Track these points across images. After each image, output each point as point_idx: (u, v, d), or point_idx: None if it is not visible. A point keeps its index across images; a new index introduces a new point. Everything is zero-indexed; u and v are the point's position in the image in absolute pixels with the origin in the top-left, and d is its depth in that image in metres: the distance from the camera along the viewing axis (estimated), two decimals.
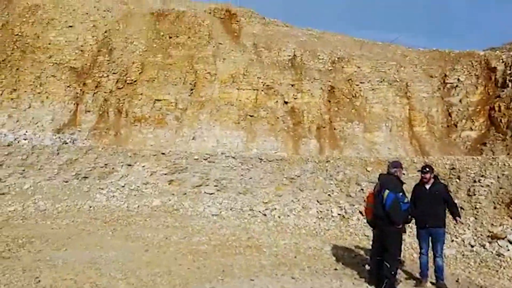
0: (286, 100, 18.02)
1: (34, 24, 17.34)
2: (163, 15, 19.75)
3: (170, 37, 18.83)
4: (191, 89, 17.71)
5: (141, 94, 17.21)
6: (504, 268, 6.01)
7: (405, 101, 18.37)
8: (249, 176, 10.95)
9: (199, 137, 16.00)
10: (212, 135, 16.18)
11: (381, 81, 18.48)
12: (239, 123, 16.98)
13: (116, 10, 19.48)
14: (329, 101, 18.19)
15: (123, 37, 18.24)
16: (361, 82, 18.55)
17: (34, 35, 17.18)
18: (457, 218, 5.69)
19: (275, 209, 9.87)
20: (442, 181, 7.62)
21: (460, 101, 18.25)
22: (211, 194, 10.71)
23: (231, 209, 10.15)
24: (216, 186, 10.92)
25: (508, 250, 6.40)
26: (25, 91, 16.05)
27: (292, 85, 18.39)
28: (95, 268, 5.69)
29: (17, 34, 17.03)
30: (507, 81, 17.36)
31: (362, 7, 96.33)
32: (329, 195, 9.72)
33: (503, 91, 17.19)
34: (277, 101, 17.93)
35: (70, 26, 17.73)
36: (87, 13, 18.45)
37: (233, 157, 11.51)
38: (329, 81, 18.54)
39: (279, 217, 9.62)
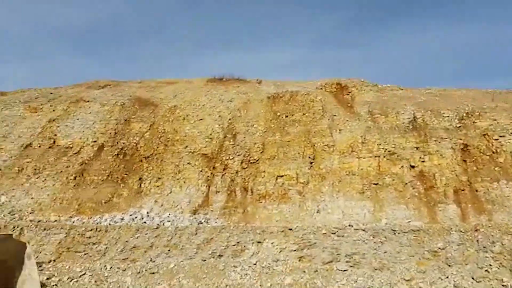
0: (413, 164, 16.85)
1: (173, 121, 20.44)
2: (278, 97, 21.39)
3: (286, 116, 20.08)
4: (311, 163, 18.02)
5: (264, 171, 18.16)
6: None
7: None
8: (384, 250, 10.12)
9: (323, 210, 15.74)
10: (336, 207, 15.77)
11: None
12: (363, 193, 16.30)
13: (237, 99, 21.87)
14: (464, 161, 16.37)
15: (245, 121, 20.10)
16: (500, 136, 16.44)
17: (173, 130, 20.14)
18: None
19: (420, 287, 8.75)
20: None
21: None
22: (344, 271, 10.13)
23: (368, 287, 9.36)
24: (348, 262, 10.34)
25: None
26: (167, 179, 18.42)
27: (417, 148, 17.27)
28: None
29: (161, 131, 20.23)
30: None
31: (484, 55, 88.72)
32: (486, 270, 8.26)
33: None
34: (402, 166, 16.89)
35: (201, 119, 20.37)
36: (213, 106, 21.12)
37: (363, 230, 10.90)
38: (460, 139, 16.91)
39: None
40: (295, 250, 11.13)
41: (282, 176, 17.80)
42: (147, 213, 16.01)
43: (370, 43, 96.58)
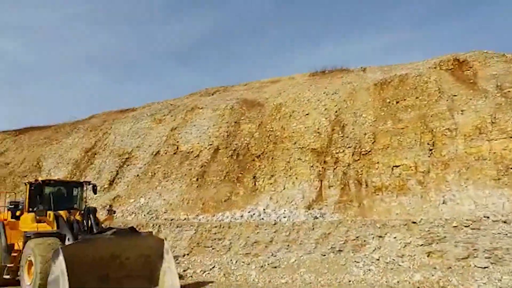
0: None
1: (280, 119, 20.87)
2: (386, 83, 20.13)
3: (397, 102, 18.78)
4: (430, 150, 16.52)
5: (377, 162, 17.29)
6: None
7: None
8: None
9: (451, 201, 14.26)
10: (466, 197, 14.14)
11: None
12: (499, 179, 14.28)
13: (342, 90, 21.24)
14: None
15: (352, 112, 19.43)
16: None
17: (281, 128, 20.55)
18: None
19: None
20: None
21: None
22: (485, 268, 9.02)
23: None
24: (488, 258, 9.18)
25: None
26: (280, 176, 18.89)
27: None
28: None
29: (269, 130, 20.84)
30: None
31: None
32: None
33: None
34: None
35: (307, 114, 20.36)
36: (318, 100, 20.91)
37: (504, 222, 9.55)
38: None
39: None
40: (421, 245, 10.33)
41: (398, 166, 16.69)
42: (264, 209, 16.65)
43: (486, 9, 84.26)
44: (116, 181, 21.58)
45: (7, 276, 9.67)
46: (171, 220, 16.33)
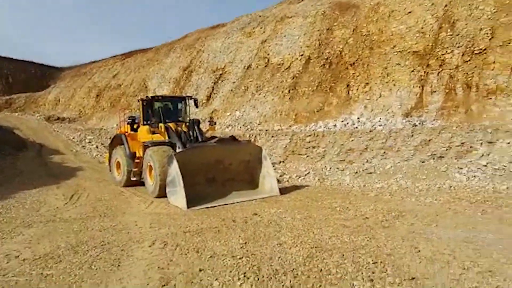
0: None
1: (377, 21, 19.02)
2: None
3: None
4: None
5: (493, 62, 15.06)
6: None
7: None
8: None
9: None
10: None
11: None
12: None
13: None
14: None
15: (466, 4, 16.67)
16: None
17: (378, 31, 18.83)
18: None
19: None
20: None
21: None
22: None
23: None
24: None
25: None
26: (375, 83, 17.85)
27: None
28: (473, 248, 5.45)
29: (364, 35, 19.29)
30: None
31: None
32: None
33: None
34: None
35: (409, 12, 18.12)
36: None
37: None
38: None
39: None
40: None
41: None
42: (358, 118, 16.26)
43: None
44: (213, 96, 22.87)
45: (134, 178, 11.47)
46: (266, 130, 17.07)
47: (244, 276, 4.68)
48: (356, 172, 11.75)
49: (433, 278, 4.51)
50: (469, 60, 15.85)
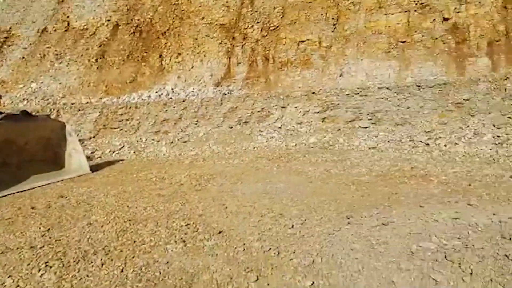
0: (446, 16, 15.54)
1: None
2: None
3: None
4: (334, 25, 17.01)
5: (285, 38, 17.47)
6: None
7: None
8: (407, 106, 10.20)
9: (347, 73, 15.47)
10: (360, 69, 15.41)
11: None
12: (389, 52, 15.62)
13: None
14: (505, 7, 14.87)
15: None
16: None
17: (187, 1, 19.00)
18: None
19: (440, 137, 9.04)
20: None
21: None
22: (366, 128, 10.46)
23: (388, 141, 9.76)
24: (370, 119, 10.59)
25: None
26: (187, 54, 18.17)
27: None
28: (269, 197, 6.39)
29: (174, 4, 19.15)
30: None
31: None
32: (509, 117, 8.29)
33: None
34: (434, 20, 15.65)
35: None
36: None
37: (387, 88, 10.82)
38: None
39: (445, 145, 8.79)
40: (318, 112, 11.42)
41: (304, 41, 17.11)
42: (172, 89, 16.35)
43: None
44: None
45: None
46: (72, 104, 15.31)
47: (46, 266, 4.22)
48: (172, 142, 11.95)
49: (237, 229, 5.11)
50: (267, 35, 17.89)
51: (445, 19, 15.48)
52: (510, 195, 5.52)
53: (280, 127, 11.46)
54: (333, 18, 17.02)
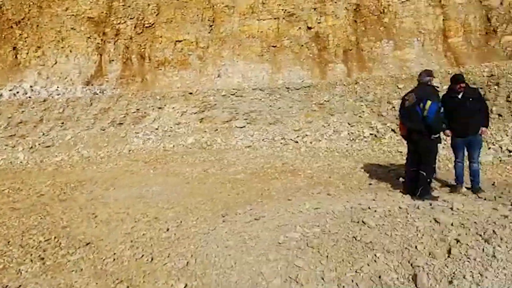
0: (310, 25, 17.23)
1: None
2: None
3: None
4: (210, 26, 17.27)
5: (161, 37, 17.02)
6: None
7: (439, 10, 17.01)
8: (278, 106, 10.95)
9: (224, 74, 15.89)
10: (236, 71, 16.00)
11: None
12: (262, 56, 16.61)
13: None
14: (356, 21, 17.20)
15: None
16: None
17: None
18: (483, 128, 5.46)
19: (307, 135, 9.96)
20: (480, 89, 7.31)
21: (501, 3, 16.67)
22: (242, 127, 10.89)
23: (263, 139, 10.34)
24: (246, 119, 11.06)
25: None
26: (49, 47, 16.24)
27: (315, 9, 17.44)
28: (144, 201, 6.13)
29: None
30: None
31: None
32: (360, 116, 9.61)
33: None
34: (300, 28, 17.20)
35: None
36: None
37: (261, 89, 11.45)
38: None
39: (311, 142, 9.73)
40: (196, 113, 11.43)
41: (181, 41, 16.95)
42: (31, 87, 14.42)
43: None
44: None
45: None
46: None
47: None
48: (31, 147, 10.51)
49: (107, 238, 4.75)
50: (141, 32, 17.15)
51: (309, 28, 17.16)
52: (360, 184, 6.39)
53: (157, 128, 11.10)
54: (209, 20, 17.26)
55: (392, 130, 8.78)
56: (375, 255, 3.46)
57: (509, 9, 16.32)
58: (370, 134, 9.10)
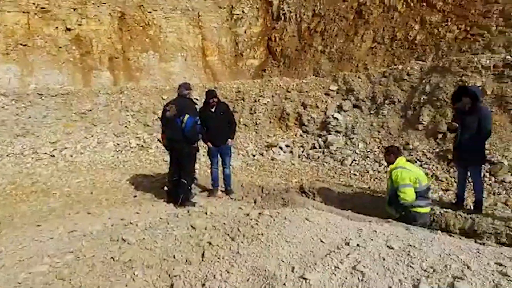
0: (69, 26, 15.58)
1: None
2: None
3: None
4: None
5: None
6: (276, 169, 7.32)
7: (197, 30, 18.69)
8: (28, 115, 9.30)
9: None
10: None
11: (174, 9, 18.09)
12: (8, 54, 13.85)
13: None
14: (121, 29, 16.76)
15: None
16: (153, 10, 17.68)
17: None
18: (229, 139, 6.27)
19: (66, 148, 8.87)
20: (230, 103, 8.39)
21: (245, 31, 19.88)
22: None
23: (7, 155, 8.53)
24: None
25: (279, 154, 7.78)
26: None
27: (74, 9, 15.91)
28: None
29: None
30: (281, 15, 19.83)
31: None
32: (126, 126, 9.35)
33: (277, 23, 19.61)
34: (57, 27, 15.30)
35: None
36: None
37: (3, 94, 9.44)
38: (119, 7, 16.89)
39: (71, 156, 8.71)
40: None
41: None
42: None
43: None
44: None
45: None
46: None
47: None
48: None
49: None
50: None
51: (68, 29, 15.53)
52: (125, 197, 6.15)
53: None
54: None
55: (158, 140, 8.92)
56: (134, 273, 3.34)
57: (250, 37, 19.70)
58: (137, 144, 8.97)
